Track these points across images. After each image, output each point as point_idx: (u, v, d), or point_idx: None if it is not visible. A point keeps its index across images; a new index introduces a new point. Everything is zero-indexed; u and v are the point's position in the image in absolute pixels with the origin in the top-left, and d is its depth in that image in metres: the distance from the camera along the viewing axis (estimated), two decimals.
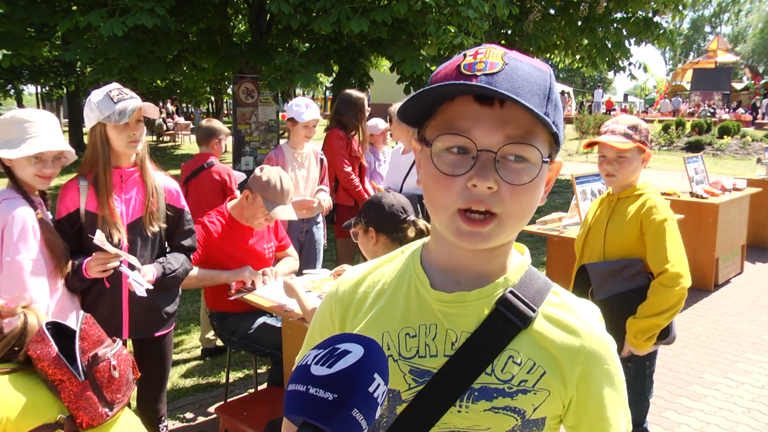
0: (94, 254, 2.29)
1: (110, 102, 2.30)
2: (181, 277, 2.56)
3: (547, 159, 0.81)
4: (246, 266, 3.10)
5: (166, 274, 2.47)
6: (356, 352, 0.65)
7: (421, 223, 2.37)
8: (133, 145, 2.37)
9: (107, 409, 1.44)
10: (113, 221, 2.36)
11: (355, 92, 4.58)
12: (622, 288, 2.38)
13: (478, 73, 0.77)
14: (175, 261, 2.54)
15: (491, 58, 0.79)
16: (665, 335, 2.40)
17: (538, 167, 0.79)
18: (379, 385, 0.64)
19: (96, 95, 2.35)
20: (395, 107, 4.27)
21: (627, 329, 2.35)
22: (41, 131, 2.19)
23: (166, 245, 2.60)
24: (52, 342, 1.42)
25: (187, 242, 2.63)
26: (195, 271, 2.96)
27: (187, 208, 2.63)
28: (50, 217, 2.34)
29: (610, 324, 2.27)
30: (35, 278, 2.14)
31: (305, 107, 4.02)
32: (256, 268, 3.13)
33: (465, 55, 0.81)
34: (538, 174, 0.79)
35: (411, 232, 2.33)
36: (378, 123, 5.44)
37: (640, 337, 2.33)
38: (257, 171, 3.15)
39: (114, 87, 2.37)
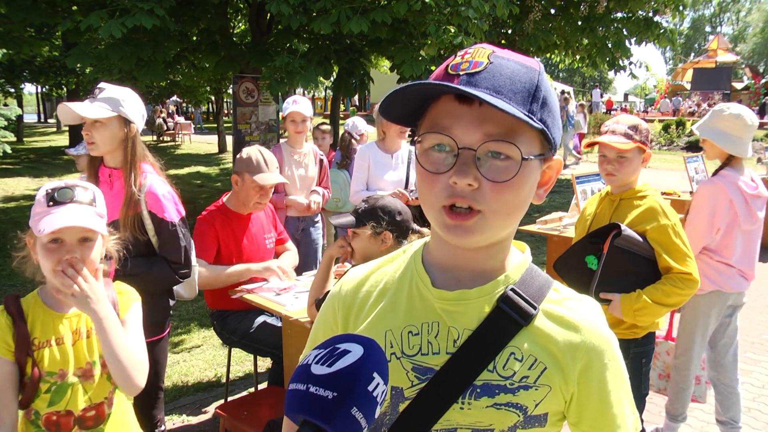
0: None
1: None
2: (148, 280, 2.30)
3: (530, 157, 0.80)
4: (271, 261, 3.17)
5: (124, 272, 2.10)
6: (356, 351, 0.66)
7: (426, 231, 2.38)
8: (90, 147, 2.37)
9: None
10: None
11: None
12: (638, 251, 2.32)
13: (461, 73, 0.79)
14: (145, 264, 2.35)
15: (477, 58, 0.80)
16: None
17: (519, 164, 0.79)
18: (378, 384, 0.65)
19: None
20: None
21: (629, 301, 2.29)
22: None
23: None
24: None
25: (169, 256, 2.40)
26: (223, 269, 3.03)
27: (171, 218, 2.39)
28: None
29: (614, 268, 2.22)
30: None
31: (292, 102, 4.04)
32: (258, 259, 3.16)
33: (455, 55, 0.82)
34: (519, 171, 0.79)
35: (415, 240, 2.36)
36: (359, 123, 5.35)
37: (638, 315, 2.28)
38: (238, 156, 3.20)
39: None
